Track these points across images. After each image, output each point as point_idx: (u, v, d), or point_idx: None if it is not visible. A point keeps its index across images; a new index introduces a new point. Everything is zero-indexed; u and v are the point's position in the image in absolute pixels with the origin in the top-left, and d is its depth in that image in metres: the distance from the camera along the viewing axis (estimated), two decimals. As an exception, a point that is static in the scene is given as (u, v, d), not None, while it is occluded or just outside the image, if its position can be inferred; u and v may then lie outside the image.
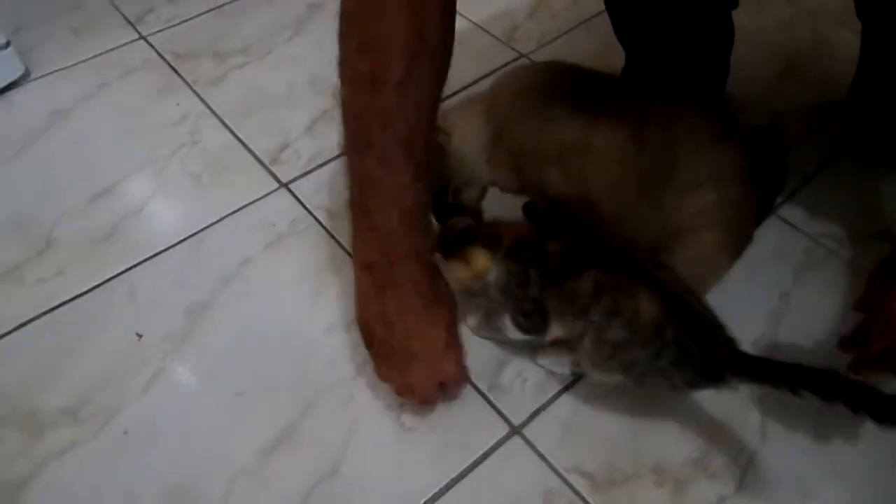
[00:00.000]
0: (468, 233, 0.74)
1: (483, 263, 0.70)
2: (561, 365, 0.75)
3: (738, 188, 0.74)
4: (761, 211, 0.91)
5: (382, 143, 0.64)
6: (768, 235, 0.89)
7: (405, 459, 0.71)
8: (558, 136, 0.72)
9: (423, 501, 0.68)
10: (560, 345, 0.70)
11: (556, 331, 0.68)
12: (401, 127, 0.63)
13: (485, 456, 0.71)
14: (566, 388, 0.75)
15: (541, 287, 0.67)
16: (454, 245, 0.73)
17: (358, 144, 0.66)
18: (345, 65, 0.64)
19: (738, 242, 0.78)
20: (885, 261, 0.65)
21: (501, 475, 0.70)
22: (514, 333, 0.72)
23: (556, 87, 0.75)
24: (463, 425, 0.73)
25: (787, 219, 0.91)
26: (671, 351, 0.63)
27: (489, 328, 0.75)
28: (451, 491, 0.69)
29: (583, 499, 0.68)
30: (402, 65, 0.61)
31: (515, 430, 0.72)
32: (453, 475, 0.69)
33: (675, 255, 0.73)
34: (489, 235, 0.71)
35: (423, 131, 0.65)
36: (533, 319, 0.69)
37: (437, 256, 0.72)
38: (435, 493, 0.68)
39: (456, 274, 0.72)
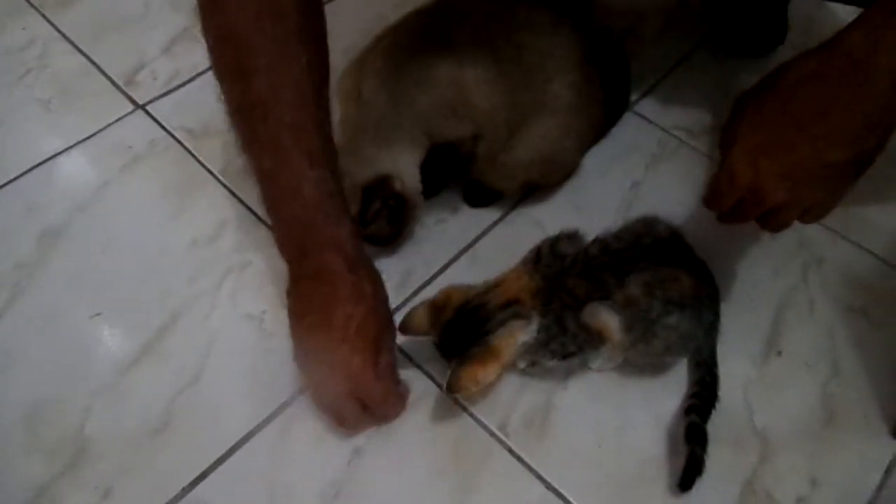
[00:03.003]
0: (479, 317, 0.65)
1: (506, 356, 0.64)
2: (612, 361, 0.71)
3: (580, 74, 0.76)
4: (617, 108, 0.94)
5: (266, 134, 0.60)
6: (624, 130, 0.92)
7: (266, 365, 0.72)
8: (440, 90, 0.72)
9: (283, 401, 0.70)
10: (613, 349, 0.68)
11: (613, 335, 0.65)
12: (282, 114, 0.59)
13: (344, 353, 0.73)
14: (426, 285, 0.78)
15: (577, 319, 0.65)
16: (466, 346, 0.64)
17: (245, 138, 0.62)
18: (213, 59, 0.61)
19: (584, 125, 0.81)
20: (730, 118, 0.66)
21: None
22: (563, 363, 0.69)
23: (412, 45, 0.73)
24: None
25: (643, 113, 0.94)
26: (708, 301, 0.69)
27: (540, 369, 0.70)
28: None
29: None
30: (264, 49, 0.58)
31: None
32: (313, 375, 0.72)
33: (524, 134, 0.75)
34: (515, 312, 0.64)
35: (312, 115, 0.60)
36: (580, 343, 0.67)
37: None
38: (294, 393, 0.70)
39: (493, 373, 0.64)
